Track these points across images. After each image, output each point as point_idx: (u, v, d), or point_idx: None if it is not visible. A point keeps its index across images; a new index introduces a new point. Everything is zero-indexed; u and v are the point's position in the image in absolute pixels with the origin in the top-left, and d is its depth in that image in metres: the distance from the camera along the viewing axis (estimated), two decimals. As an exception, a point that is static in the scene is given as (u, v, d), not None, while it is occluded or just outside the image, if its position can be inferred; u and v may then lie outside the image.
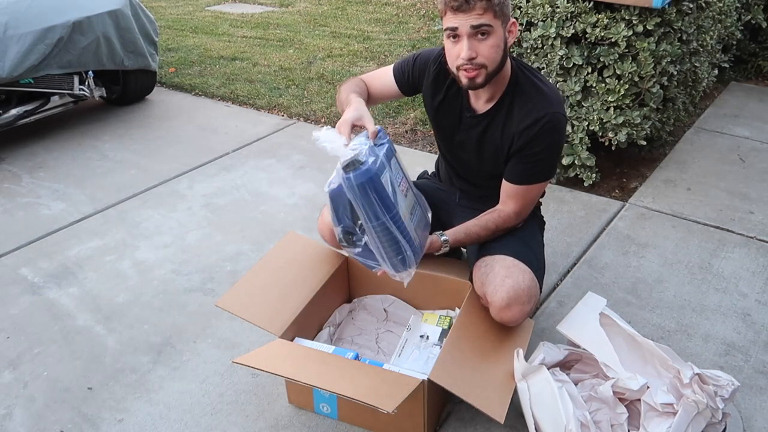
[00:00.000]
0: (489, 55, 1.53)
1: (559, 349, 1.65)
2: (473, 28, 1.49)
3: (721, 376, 1.47)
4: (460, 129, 1.77)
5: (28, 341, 2.02)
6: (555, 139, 1.63)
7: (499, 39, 1.53)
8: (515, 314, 1.62)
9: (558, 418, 1.44)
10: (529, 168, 1.67)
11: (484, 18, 1.48)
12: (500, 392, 1.51)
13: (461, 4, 1.47)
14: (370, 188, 1.40)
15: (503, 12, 1.51)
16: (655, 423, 1.44)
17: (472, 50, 1.52)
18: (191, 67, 4.64)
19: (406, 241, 1.49)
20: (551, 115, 1.60)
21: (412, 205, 1.57)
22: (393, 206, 1.44)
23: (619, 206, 2.67)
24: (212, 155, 3.26)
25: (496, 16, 1.49)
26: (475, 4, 1.46)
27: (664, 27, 2.50)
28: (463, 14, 1.48)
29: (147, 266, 2.38)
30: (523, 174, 1.68)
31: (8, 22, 3.06)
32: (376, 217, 1.43)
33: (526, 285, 1.62)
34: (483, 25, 1.49)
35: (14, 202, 2.88)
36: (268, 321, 1.68)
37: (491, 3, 1.47)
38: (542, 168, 1.68)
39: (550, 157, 1.66)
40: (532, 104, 1.62)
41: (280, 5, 6.60)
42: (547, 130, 1.60)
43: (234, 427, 1.68)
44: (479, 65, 1.54)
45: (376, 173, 1.40)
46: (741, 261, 2.29)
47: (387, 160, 1.48)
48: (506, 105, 1.66)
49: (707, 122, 3.44)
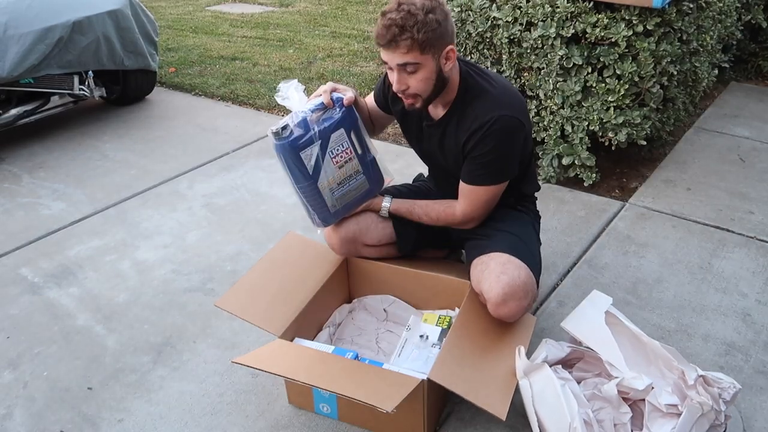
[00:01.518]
0: (418, 87, 1.59)
1: (561, 347, 1.65)
2: (400, 66, 1.55)
3: (723, 378, 1.46)
4: (423, 137, 1.83)
5: (28, 341, 2.02)
6: (502, 140, 1.63)
7: (429, 72, 1.57)
8: (512, 310, 1.63)
9: (562, 416, 1.44)
10: (475, 169, 1.69)
11: (409, 57, 1.53)
12: (501, 390, 1.51)
13: (387, 42, 1.52)
14: (286, 158, 1.65)
15: (432, 45, 1.53)
16: (658, 424, 1.44)
17: (402, 83, 1.59)
18: (191, 67, 4.64)
19: (313, 207, 1.75)
20: (497, 118, 1.61)
21: (350, 175, 1.75)
22: (307, 178, 1.67)
23: (619, 206, 2.67)
24: (212, 155, 3.27)
25: (424, 52, 1.53)
26: (398, 44, 1.51)
27: (664, 27, 2.50)
28: (390, 51, 1.54)
29: (147, 266, 2.38)
30: (469, 174, 1.71)
31: (8, 22, 3.06)
32: (292, 180, 1.70)
33: (521, 280, 1.63)
34: (408, 63, 1.54)
35: (14, 202, 2.88)
36: (268, 321, 1.68)
37: (415, 41, 1.50)
38: (488, 170, 1.68)
39: (497, 160, 1.66)
40: (480, 108, 1.64)
41: (280, 5, 6.59)
42: (493, 132, 1.61)
43: (234, 427, 1.68)
44: (412, 95, 1.61)
45: (295, 147, 1.62)
46: (741, 261, 2.29)
47: (324, 133, 1.64)
48: (458, 110, 1.69)
49: (707, 122, 3.44)
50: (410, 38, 1.49)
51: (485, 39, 2.83)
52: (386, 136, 3.40)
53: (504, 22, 2.69)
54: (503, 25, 2.70)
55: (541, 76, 2.70)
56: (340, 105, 1.68)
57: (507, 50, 2.75)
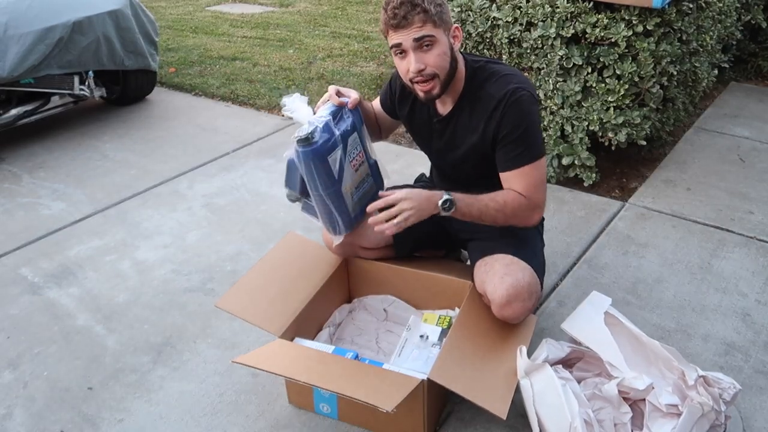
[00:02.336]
0: (437, 63, 1.56)
1: (562, 347, 1.65)
2: (416, 41, 1.53)
3: (723, 379, 1.46)
4: (434, 136, 1.80)
5: (28, 341, 2.02)
6: (522, 112, 1.60)
7: (444, 46, 1.56)
8: (516, 311, 1.63)
9: (562, 416, 1.44)
10: (511, 150, 1.63)
11: (425, 30, 1.51)
12: (502, 389, 1.51)
13: (399, 21, 1.50)
14: (315, 165, 1.58)
15: (443, 20, 1.53)
16: (659, 424, 1.44)
17: (420, 62, 1.55)
18: (191, 67, 4.64)
19: (339, 213, 1.70)
20: (511, 92, 1.59)
21: (363, 178, 1.75)
22: (333, 183, 1.63)
23: (619, 206, 2.67)
24: (212, 155, 3.27)
25: (437, 25, 1.52)
26: (412, 19, 1.50)
27: (664, 27, 2.50)
28: (404, 30, 1.52)
29: (147, 266, 2.38)
30: (509, 157, 1.64)
31: (8, 22, 3.06)
32: (316, 189, 1.63)
33: (526, 282, 1.62)
34: (425, 36, 1.52)
35: (14, 202, 2.88)
36: (268, 321, 1.68)
37: (428, 14, 1.50)
38: (525, 145, 1.62)
39: (528, 131, 1.61)
40: (493, 88, 1.62)
41: (280, 5, 6.60)
42: (513, 105, 1.59)
43: (234, 427, 1.68)
44: (430, 75, 1.57)
45: (323, 153, 1.57)
46: (741, 261, 2.29)
47: (344, 138, 1.62)
48: (467, 101, 1.67)
49: (707, 122, 3.44)
50: (423, 11, 1.49)
51: (485, 39, 2.83)
52: (386, 136, 3.40)
53: (504, 22, 2.69)
54: (503, 25, 2.70)
55: (541, 76, 2.70)
56: (347, 108, 1.68)
57: (507, 50, 2.75)
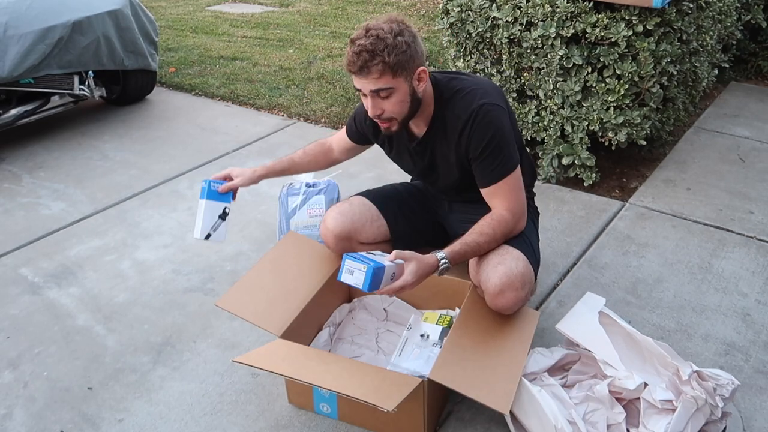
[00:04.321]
0: (393, 110, 1.60)
1: (552, 353, 1.66)
2: (373, 92, 1.55)
3: (722, 375, 1.47)
4: (414, 159, 1.83)
5: (28, 341, 2.02)
6: (491, 128, 1.63)
7: (403, 94, 1.58)
8: (509, 300, 1.63)
9: (545, 420, 1.45)
10: (486, 166, 1.67)
11: (381, 82, 1.53)
12: (503, 385, 1.51)
13: (358, 69, 1.52)
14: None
15: (404, 67, 1.54)
16: (654, 420, 1.45)
17: (377, 108, 1.59)
18: (191, 67, 4.64)
19: None
20: (476, 111, 1.61)
21: None
22: None
23: (619, 206, 2.67)
24: (212, 155, 3.26)
25: (396, 75, 1.53)
26: (370, 69, 1.51)
27: (664, 27, 2.50)
28: (363, 77, 1.54)
29: (147, 266, 2.38)
30: (485, 174, 1.68)
31: (8, 22, 3.06)
32: None
33: (519, 271, 1.63)
34: (381, 89, 1.55)
35: (14, 202, 2.88)
36: (268, 321, 1.68)
37: (386, 65, 1.51)
38: (498, 161, 1.65)
39: (498, 147, 1.64)
40: (459, 107, 1.65)
41: (280, 5, 6.60)
42: (478, 125, 1.62)
43: (234, 427, 1.68)
44: (388, 119, 1.61)
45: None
46: (741, 261, 2.29)
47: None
48: (438, 122, 1.70)
49: (707, 122, 3.44)
50: (381, 62, 1.50)
51: (485, 39, 2.83)
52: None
53: (504, 22, 2.69)
54: (503, 25, 2.70)
55: (541, 76, 2.70)
56: None
57: (507, 50, 2.75)
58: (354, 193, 2.03)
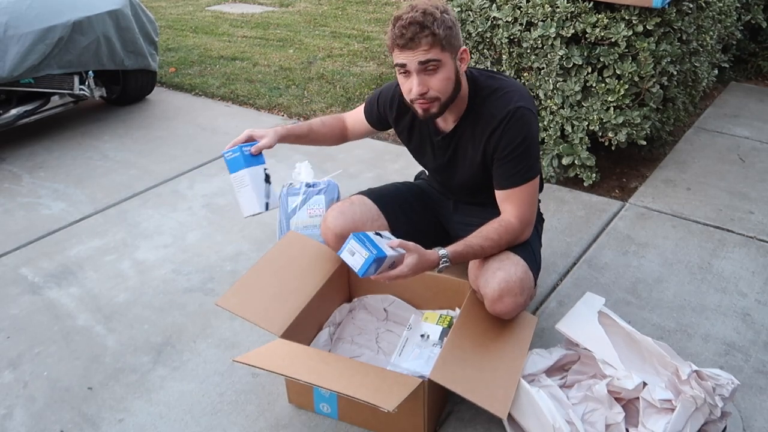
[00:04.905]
0: (440, 87, 1.56)
1: (550, 354, 1.66)
2: (421, 64, 1.52)
3: (721, 375, 1.47)
4: (435, 153, 1.81)
5: (28, 341, 2.02)
6: (523, 132, 1.62)
7: (450, 71, 1.55)
8: (508, 306, 1.62)
9: (543, 420, 1.45)
10: (509, 168, 1.65)
11: (431, 54, 1.50)
12: (502, 389, 1.51)
13: (406, 42, 1.49)
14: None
15: (451, 43, 1.53)
16: (653, 419, 1.45)
17: (423, 85, 1.54)
18: (191, 67, 4.64)
19: None
20: (513, 111, 1.60)
21: None
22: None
23: (619, 206, 2.67)
24: (212, 155, 3.26)
25: (444, 49, 1.52)
26: (420, 41, 1.48)
27: (664, 27, 2.50)
28: (410, 51, 1.51)
29: (147, 266, 2.38)
30: (506, 176, 1.67)
31: (8, 22, 3.06)
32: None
33: (518, 277, 1.62)
34: (430, 60, 1.51)
35: (14, 202, 2.88)
36: (268, 321, 1.68)
37: (436, 38, 1.49)
38: (521, 166, 1.65)
39: (527, 152, 1.64)
40: (493, 109, 1.63)
41: (280, 5, 6.60)
42: (512, 126, 1.61)
43: (234, 427, 1.68)
44: (432, 98, 1.57)
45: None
46: (741, 261, 2.29)
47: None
48: (470, 118, 1.68)
49: (707, 122, 3.44)
50: (431, 34, 1.48)
51: (485, 39, 2.83)
52: (386, 135, 3.40)
53: (504, 22, 2.69)
54: (503, 25, 2.70)
55: (541, 76, 2.70)
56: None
57: (507, 50, 2.75)
58: (354, 191, 2.03)
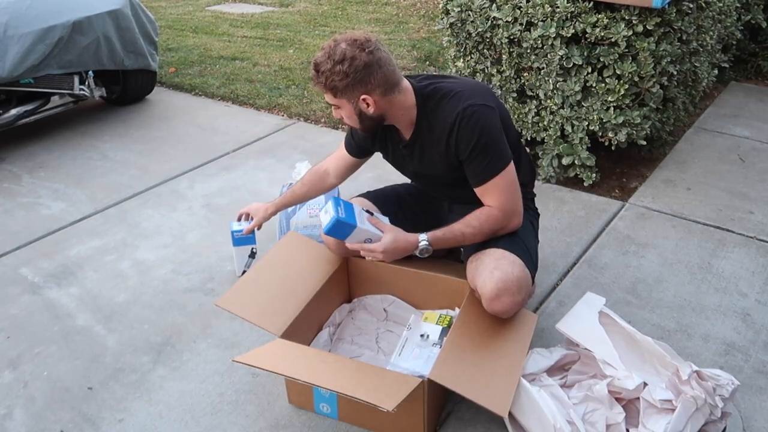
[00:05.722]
0: (348, 121, 1.71)
1: (551, 353, 1.66)
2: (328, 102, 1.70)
3: (721, 375, 1.47)
4: (405, 161, 1.85)
5: (28, 341, 2.02)
6: (477, 129, 1.63)
7: (350, 112, 1.67)
8: (505, 305, 1.63)
9: (544, 420, 1.45)
10: (476, 165, 1.67)
11: (328, 97, 1.66)
12: (502, 388, 1.51)
13: (315, 83, 1.64)
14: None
15: (345, 92, 1.61)
16: (654, 420, 1.45)
17: (336, 114, 1.72)
18: (191, 67, 4.64)
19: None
20: (461, 112, 1.63)
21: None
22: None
23: (619, 206, 2.67)
24: (212, 155, 3.27)
25: (337, 96, 1.63)
26: (317, 84, 1.64)
27: (664, 27, 2.50)
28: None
29: (147, 266, 2.38)
30: (475, 174, 1.70)
31: (8, 22, 3.06)
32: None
33: (515, 276, 1.63)
34: (330, 102, 1.68)
35: (14, 202, 2.88)
36: (268, 321, 1.68)
37: (327, 86, 1.61)
38: (488, 159, 1.66)
39: (487, 147, 1.65)
40: (444, 110, 1.67)
41: (280, 5, 6.60)
42: (464, 127, 1.63)
43: (234, 427, 1.68)
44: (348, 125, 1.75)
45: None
46: (741, 261, 2.29)
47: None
48: (425, 125, 1.71)
49: (707, 122, 3.44)
50: (321, 83, 1.62)
51: (485, 39, 2.83)
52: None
53: (504, 22, 2.69)
54: (503, 25, 2.70)
55: (541, 76, 2.70)
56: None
57: (507, 50, 2.75)
58: (354, 193, 2.03)
